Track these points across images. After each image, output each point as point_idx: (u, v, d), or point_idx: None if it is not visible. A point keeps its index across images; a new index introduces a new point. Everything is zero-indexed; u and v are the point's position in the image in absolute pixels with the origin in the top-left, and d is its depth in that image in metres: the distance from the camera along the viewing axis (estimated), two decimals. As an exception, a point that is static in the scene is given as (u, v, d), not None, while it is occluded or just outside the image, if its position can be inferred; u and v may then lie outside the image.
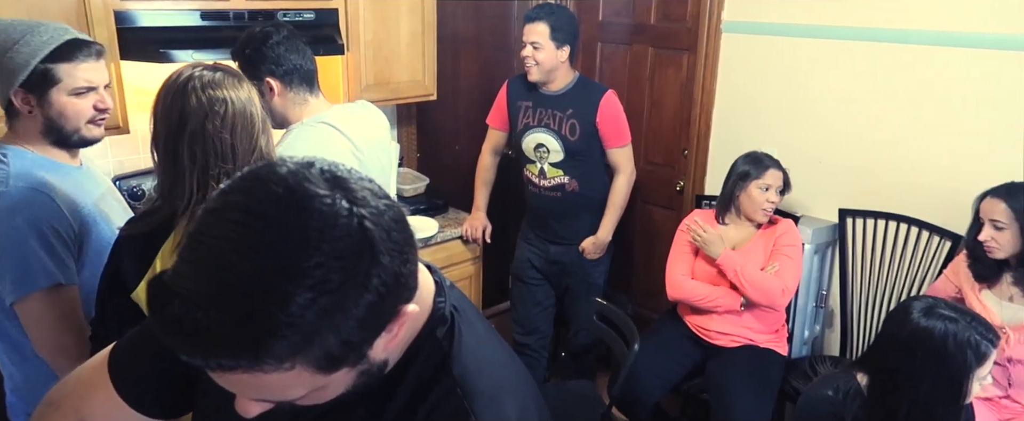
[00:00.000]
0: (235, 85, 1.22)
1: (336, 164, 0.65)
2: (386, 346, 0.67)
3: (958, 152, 2.18)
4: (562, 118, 2.43)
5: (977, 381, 1.35)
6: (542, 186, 2.52)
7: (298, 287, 0.56)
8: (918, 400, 1.37)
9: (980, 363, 1.34)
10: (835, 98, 2.45)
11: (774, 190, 2.23)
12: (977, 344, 1.33)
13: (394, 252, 0.62)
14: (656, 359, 2.24)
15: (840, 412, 1.45)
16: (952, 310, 1.38)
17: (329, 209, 0.59)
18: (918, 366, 1.36)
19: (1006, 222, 1.82)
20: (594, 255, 2.55)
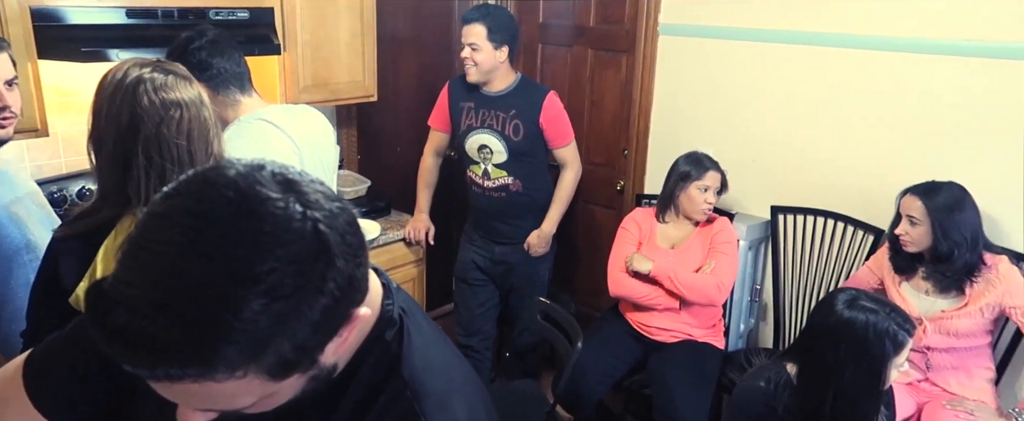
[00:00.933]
0: (187, 87, 1.19)
1: (287, 166, 0.64)
2: (336, 350, 0.66)
3: (881, 151, 2.30)
4: (505, 119, 2.44)
5: (895, 368, 1.43)
6: (486, 187, 2.52)
7: (251, 292, 0.55)
8: (842, 387, 1.44)
9: (897, 351, 1.41)
10: (767, 99, 2.54)
11: (713, 191, 2.30)
12: (895, 334, 1.41)
13: (348, 255, 0.61)
14: (599, 356, 2.28)
15: (772, 402, 1.51)
16: (873, 302, 1.45)
17: (282, 213, 0.58)
18: (842, 355, 1.43)
19: (920, 218, 1.93)
20: (540, 249, 2.56)
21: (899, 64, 2.21)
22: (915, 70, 2.19)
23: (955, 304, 1.94)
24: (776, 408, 1.50)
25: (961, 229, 1.88)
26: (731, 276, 2.24)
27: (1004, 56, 2.02)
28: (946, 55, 2.12)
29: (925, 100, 2.19)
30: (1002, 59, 2.02)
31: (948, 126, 2.15)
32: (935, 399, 1.98)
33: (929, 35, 2.14)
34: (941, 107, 2.16)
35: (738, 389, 1.64)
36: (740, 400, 1.59)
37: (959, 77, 2.11)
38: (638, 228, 2.41)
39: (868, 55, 2.27)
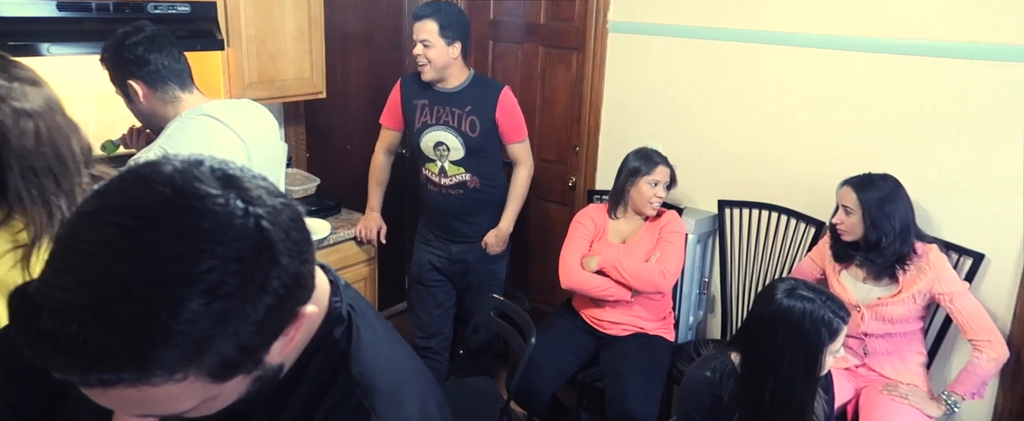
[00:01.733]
0: (36, 94, 1.11)
1: (227, 162, 0.62)
2: (283, 349, 0.65)
3: (822, 146, 2.38)
4: (461, 115, 2.43)
5: (830, 355, 1.48)
6: (443, 185, 2.50)
7: (190, 293, 0.53)
8: (781, 374, 1.49)
9: (832, 338, 1.46)
10: (714, 96, 2.60)
11: (662, 185, 2.34)
12: (830, 321, 1.45)
13: (293, 252, 0.60)
14: (552, 352, 2.29)
15: (718, 390, 1.55)
16: (811, 291, 1.50)
17: (223, 209, 0.56)
18: (780, 343, 1.48)
19: (853, 208, 2.01)
20: (497, 248, 2.57)
21: (838, 62, 2.29)
22: (853, 67, 2.27)
23: (890, 291, 2.03)
24: (722, 396, 1.54)
25: (891, 219, 1.96)
26: (676, 263, 2.28)
27: (936, 54, 2.11)
28: (882, 53, 2.21)
29: (863, 96, 2.27)
30: (934, 57, 2.12)
31: (885, 121, 2.24)
32: (872, 384, 2.06)
33: (867, 34, 2.23)
34: (879, 103, 2.25)
35: (686, 379, 1.67)
36: (687, 390, 1.62)
37: (894, 74, 2.20)
38: (592, 223, 2.43)
39: (809, 53, 2.35)
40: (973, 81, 2.07)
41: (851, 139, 2.32)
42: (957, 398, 1.96)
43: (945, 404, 1.97)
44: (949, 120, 2.13)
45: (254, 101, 1.81)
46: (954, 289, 1.95)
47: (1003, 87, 2.03)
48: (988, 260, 2.11)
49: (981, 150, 2.09)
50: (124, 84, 1.59)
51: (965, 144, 2.11)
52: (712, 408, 1.54)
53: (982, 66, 2.05)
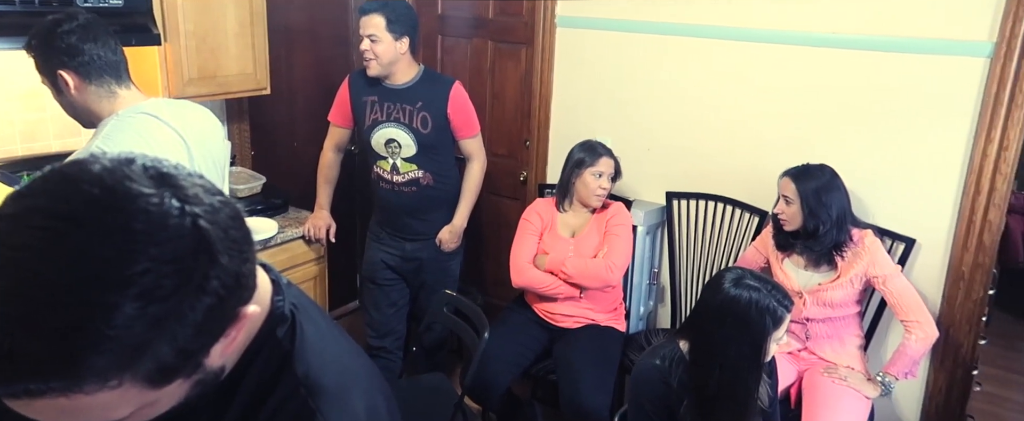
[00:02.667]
0: None
1: (160, 159, 0.60)
2: (224, 351, 0.64)
3: (765, 137, 2.45)
4: (412, 111, 2.40)
5: (774, 342, 1.52)
6: (395, 182, 2.47)
7: (123, 297, 0.52)
8: (727, 361, 1.53)
9: (776, 326, 1.50)
10: (661, 89, 2.65)
11: (606, 177, 2.37)
12: (774, 310, 1.49)
13: (233, 251, 0.59)
14: (506, 346, 2.30)
15: (667, 378, 1.58)
16: (757, 280, 1.54)
17: (157, 209, 0.55)
18: (727, 331, 1.52)
19: (793, 198, 2.08)
20: (452, 245, 2.55)
21: (778, 56, 2.36)
22: (792, 61, 2.34)
23: (829, 277, 2.10)
24: (671, 384, 1.57)
25: (828, 208, 2.04)
26: (623, 256, 2.32)
27: (869, 48, 2.20)
28: (819, 47, 2.28)
29: (801, 89, 2.35)
30: (867, 51, 2.20)
31: (822, 113, 2.32)
32: (813, 367, 2.14)
33: (804, 28, 2.30)
34: (816, 96, 2.32)
35: (636, 367, 1.70)
36: (638, 378, 1.65)
37: (830, 68, 2.28)
38: (539, 218, 2.45)
39: (750, 47, 2.41)
40: (903, 74, 2.16)
41: (790, 131, 2.39)
42: (891, 379, 2.05)
43: (881, 385, 2.05)
44: (881, 112, 2.22)
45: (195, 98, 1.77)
46: (887, 272, 2.04)
47: (931, 80, 2.12)
48: (919, 245, 2.22)
49: (911, 140, 2.19)
50: (53, 75, 1.50)
51: (896, 135, 2.21)
52: (662, 395, 1.57)
53: (912, 60, 2.14)
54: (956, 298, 2.18)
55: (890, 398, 2.29)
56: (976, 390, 2.33)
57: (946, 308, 2.20)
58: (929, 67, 2.12)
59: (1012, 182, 2.11)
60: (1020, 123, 2.02)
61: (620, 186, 2.62)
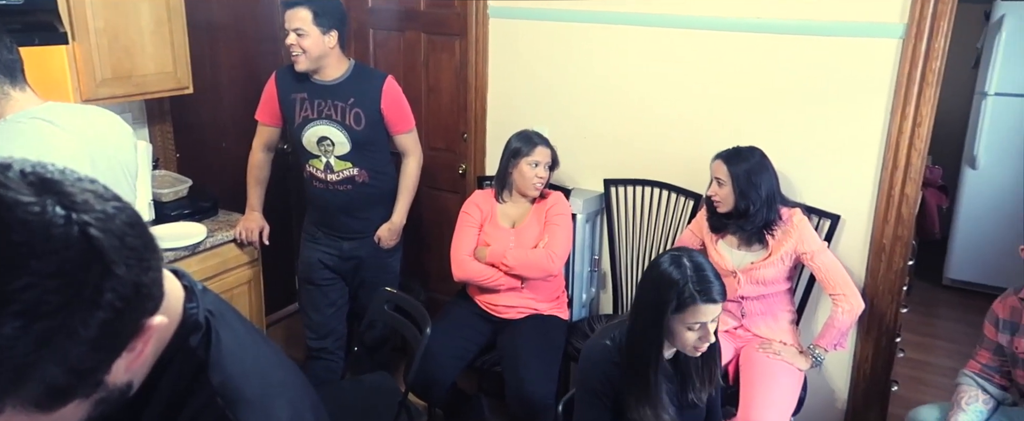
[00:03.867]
0: None
1: (42, 164, 0.56)
2: (129, 366, 0.60)
3: (696, 122, 2.49)
4: (344, 108, 2.35)
5: (683, 326, 1.50)
6: (330, 181, 2.41)
7: (2, 315, 0.48)
8: (633, 326, 1.56)
9: (680, 310, 1.49)
10: (595, 78, 2.66)
11: (544, 166, 2.38)
12: (682, 292, 1.48)
13: (131, 260, 0.56)
14: (449, 340, 2.29)
15: (615, 358, 1.59)
16: (692, 263, 1.53)
17: (38, 218, 0.51)
18: (640, 298, 1.56)
19: (725, 180, 2.13)
20: (390, 242, 2.51)
21: (709, 42, 2.41)
22: (721, 47, 2.39)
23: (761, 255, 2.17)
24: (619, 363, 1.59)
25: (758, 189, 2.10)
26: (563, 245, 2.33)
27: (793, 32, 2.25)
28: (747, 32, 2.33)
29: (730, 74, 2.40)
30: (791, 35, 2.26)
31: (751, 97, 2.38)
32: (748, 343, 2.20)
33: (732, 14, 2.34)
34: (744, 80, 2.38)
35: (585, 347, 1.70)
36: (587, 357, 1.65)
37: (757, 52, 2.33)
38: (478, 211, 2.44)
39: (682, 34, 2.45)
40: (823, 57, 2.23)
41: (721, 115, 2.44)
42: (821, 351, 2.13)
43: (812, 357, 2.13)
44: (805, 94, 2.29)
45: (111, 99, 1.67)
46: (815, 248, 2.12)
47: (849, 62, 2.20)
48: (843, 221, 2.30)
49: (833, 121, 2.26)
50: None
51: (819, 116, 2.28)
52: (609, 374, 1.57)
53: (831, 43, 2.21)
54: (879, 270, 2.28)
55: (821, 369, 2.38)
56: (899, 356, 2.44)
57: (870, 280, 2.30)
58: (847, 49, 2.20)
59: (926, 157, 2.21)
60: (931, 101, 2.12)
61: (559, 175, 2.64)
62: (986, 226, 3.81)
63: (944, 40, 2.07)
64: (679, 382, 1.63)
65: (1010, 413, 1.91)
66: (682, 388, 1.63)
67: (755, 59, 2.35)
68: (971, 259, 3.91)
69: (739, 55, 2.37)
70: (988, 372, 1.91)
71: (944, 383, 2.67)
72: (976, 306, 2.44)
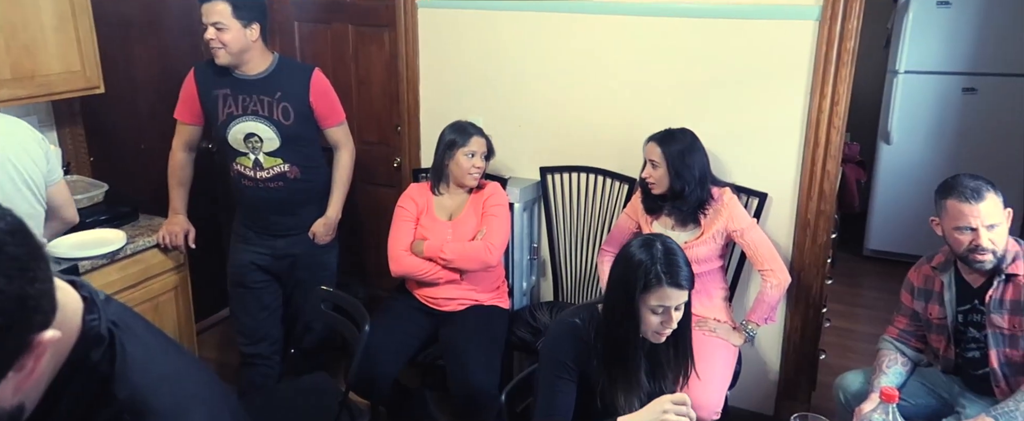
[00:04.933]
0: None
1: None
2: (19, 386, 0.56)
3: (628, 107, 2.52)
4: (271, 103, 2.27)
5: (647, 308, 1.51)
6: (260, 178, 2.32)
7: None
8: (607, 309, 1.56)
9: (646, 291, 1.49)
10: (527, 66, 2.66)
11: (479, 156, 2.36)
12: (648, 273, 1.49)
13: (13, 271, 0.52)
14: (389, 336, 2.26)
15: (584, 336, 1.58)
16: (662, 247, 1.52)
17: None
18: (612, 279, 1.56)
19: (659, 162, 2.17)
20: (326, 238, 2.45)
21: (636, 27, 2.43)
22: (649, 31, 2.42)
23: (694, 235, 2.22)
24: (588, 342, 1.58)
25: (692, 169, 2.14)
26: (501, 236, 2.33)
27: (718, 16, 2.30)
28: (672, 17, 2.37)
29: (660, 58, 2.43)
30: (717, 19, 2.31)
31: (680, 80, 2.42)
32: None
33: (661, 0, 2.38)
34: (673, 63, 2.42)
35: (555, 322, 1.69)
36: (554, 332, 1.64)
37: (685, 36, 2.38)
38: (414, 204, 2.41)
39: (609, 20, 2.47)
40: (746, 39, 2.29)
41: (651, 99, 2.48)
42: (753, 326, 2.20)
43: (745, 332, 2.20)
44: (730, 76, 2.35)
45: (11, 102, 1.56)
46: (744, 225, 2.18)
47: (770, 43, 2.27)
48: (771, 198, 2.38)
49: (757, 101, 2.33)
50: None
51: (744, 97, 2.34)
52: (576, 351, 1.57)
53: (752, 25, 2.27)
54: (804, 244, 2.37)
55: (754, 343, 2.47)
56: (826, 326, 2.55)
57: (796, 254, 2.39)
58: (767, 31, 2.26)
59: (844, 134, 2.30)
60: (847, 79, 2.21)
61: (495, 165, 2.63)
62: (901, 198, 4.01)
63: (857, 21, 2.15)
64: (652, 370, 1.63)
65: (925, 373, 2.02)
66: (654, 377, 1.63)
67: (681, 43, 2.39)
68: (889, 230, 4.12)
69: (665, 40, 2.41)
70: (905, 336, 2.02)
71: (867, 349, 2.81)
72: (895, 274, 2.57)
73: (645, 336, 1.55)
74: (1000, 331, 1.78)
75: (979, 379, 1.86)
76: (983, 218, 1.71)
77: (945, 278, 1.88)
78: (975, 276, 1.83)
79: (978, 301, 1.82)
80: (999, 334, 1.78)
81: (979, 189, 1.72)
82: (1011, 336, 1.77)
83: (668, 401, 1.40)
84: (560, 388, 1.54)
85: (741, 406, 2.57)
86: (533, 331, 2.45)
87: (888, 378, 1.92)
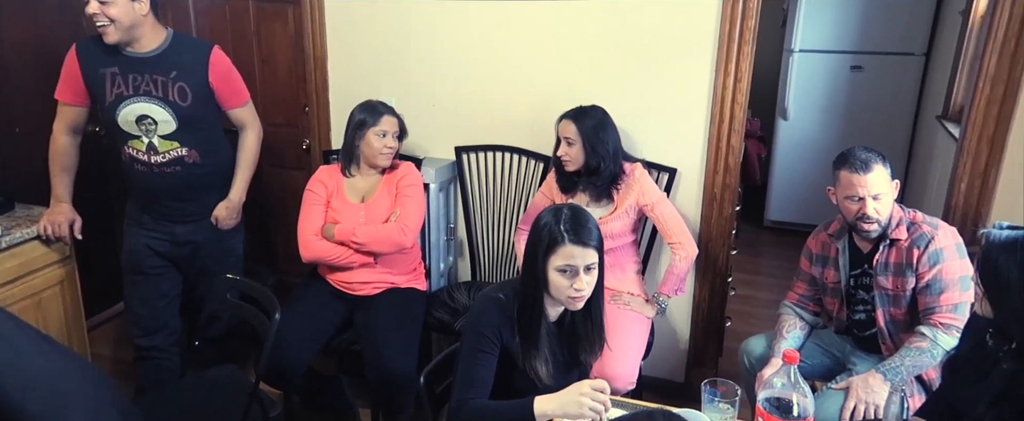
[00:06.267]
0: None
1: None
2: None
3: (538, 85, 2.52)
4: (166, 82, 2.12)
5: (553, 269, 1.51)
6: (155, 163, 2.18)
7: None
8: (521, 279, 1.57)
9: (549, 252, 1.50)
10: (439, 44, 2.61)
11: (391, 135, 2.31)
12: (552, 234, 1.49)
13: None
14: (301, 323, 2.18)
15: (507, 310, 1.57)
16: (569, 209, 1.53)
17: None
18: (526, 247, 1.56)
19: (574, 138, 2.19)
20: (230, 222, 2.33)
21: (547, 5, 2.42)
22: (560, 10, 2.42)
23: (609, 210, 2.26)
24: (511, 317, 1.58)
25: (605, 144, 2.18)
26: (416, 217, 2.29)
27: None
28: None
29: (570, 36, 2.44)
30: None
31: (590, 58, 2.44)
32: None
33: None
34: (583, 42, 2.43)
35: (478, 298, 1.67)
36: (478, 307, 1.62)
37: (593, 14, 2.39)
38: (324, 187, 2.33)
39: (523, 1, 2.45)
40: (652, 17, 2.33)
41: (562, 77, 2.49)
42: (664, 297, 2.28)
43: (657, 304, 2.27)
44: (639, 54, 2.39)
45: None
46: (655, 199, 2.24)
47: (676, 21, 2.32)
48: (680, 173, 2.45)
49: (667, 79, 2.38)
50: None
51: (654, 75, 2.39)
52: (498, 325, 1.56)
53: (661, 3, 2.31)
54: (711, 217, 2.46)
55: (665, 314, 2.55)
56: (731, 294, 2.67)
57: (704, 226, 2.48)
58: (673, 9, 2.31)
59: (747, 110, 2.40)
60: (749, 56, 2.29)
61: (409, 145, 2.57)
62: (799, 171, 4.25)
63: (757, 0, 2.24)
64: (568, 342, 1.64)
65: (820, 335, 2.15)
66: (572, 348, 1.65)
67: (591, 22, 2.41)
68: (788, 201, 4.36)
69: (575, 19, 2.42)
70: (804, 301, 2.14)
71: (769, 314, 2.97)
72: (793, 243, 2.72)
73: (561, 302, 1.55)
74: (886, 292, 1.91)
75: (869, 339, 2.00)
76: (870, 188, 1.83)
77: (840, 244, 2.00)
78: (865, 242, 1.95)
79: (867, 265, 1.95)
80: (885, 295, 1.92)
81: (868, 161, 1.83)
82: (895, 296, 1.91)
83: (586, 385, 1.41)
84: (480, 361, 1.53)
85: (654, 375, 2.67)
86: (451, 312, 2.44)
87: (788, 342, 2.03)
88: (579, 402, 1.38)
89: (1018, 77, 2.07)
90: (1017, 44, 2.05)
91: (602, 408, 1.39)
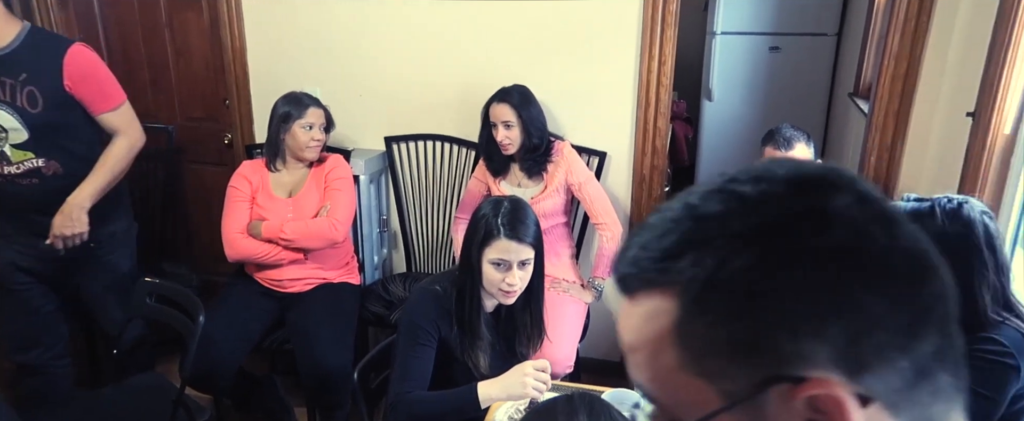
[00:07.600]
0: None
1: None
2: None
3: (467, 73, 2.50)
4: (14, 85, 1.87)
5: (487, 262, 1.51)
6: (8, 174, 1.94)
7: None
8: (458, 271, 1.57)
9: (485, 244, 1.50)
10: (361, 34, 2.55)
11: (318, 128, 2.24)
12: (488, 226, 1.50)
13: None
14: (229, 324, 2.11)
15: (444, 302, 1.56)
16: (509, 203, 1.54)
17: None
18: (463, 242, 1.56)
19: (513, 121, 2.18)
20: (65, 229, 1.97)
21: None
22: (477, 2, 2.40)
23: (540, 189, 2.27)
24: (448, 309, 1.57)
25: (538, 119, 2.20)
26: (346, 210, 2.24)
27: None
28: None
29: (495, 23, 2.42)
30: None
31: (518, 46, 2.43)
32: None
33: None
34: (509, 29, 2.42)
35: (414, 290, 1.65)
36: (414, 300, 1.60)
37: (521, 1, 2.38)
38: (248, 183, 2.24)
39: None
40: (581, 4, 2.34)
41: (489, 65, 2.47)
42: (600, 281, 2.31)
43: (593, 289, 2.30)
44: (567, 40, 2.39)
45: None
46: (583, 178, 2.26)
47: (603, 7, 2.33)
48: (610, 157, 2.49)
49: (594, 64, 2.40)
50: None
51: (582, 59, 2.40)
52: (435, 316, 1.55)
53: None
54: (641, 198, 2.50)
55: (601, 297, 2.59)
56: (665, 273, 2.73)
57: (635, 208, 2.52)
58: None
59: (672, 92, 2.44)
60: (672, 40, 2.33)
61: (338, 137, 2.51)
62: (724, 151, 4.38)
63: (677, -17, 2.28)
64: (507, 334, 1.64)
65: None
66: (509, 339, 1.64)
67: (516, 9, 2.40)
68: (716, 181, 4.48)
69: (500, 3, 2.40)
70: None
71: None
72: (721, 221, 2.80)
73: (493, 295, 1.55)
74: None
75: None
76: (790, 164, 1.90)
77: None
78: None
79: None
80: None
81: (791, 139, 1.90)
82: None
83: (529, 366, 1.42)
84: (418, 353, 1.52)
85: (591, 356, 2.71)
86: (387, 305, 2.40)
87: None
88: (523, 383, 1.40)
89: (919, 54, 2.18)
90: (917, 23, 2.16)
91: (544, 387, 1.41)
